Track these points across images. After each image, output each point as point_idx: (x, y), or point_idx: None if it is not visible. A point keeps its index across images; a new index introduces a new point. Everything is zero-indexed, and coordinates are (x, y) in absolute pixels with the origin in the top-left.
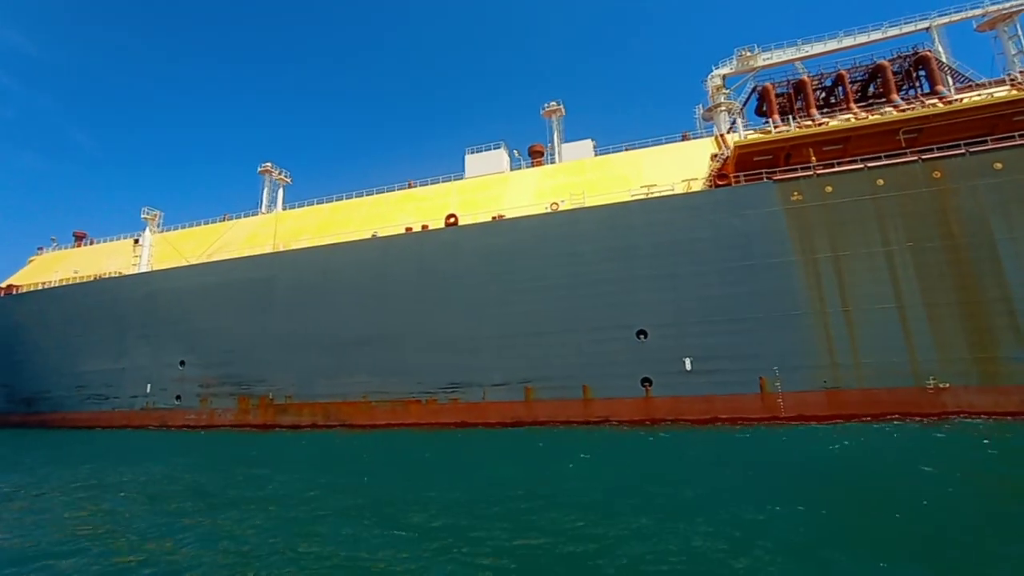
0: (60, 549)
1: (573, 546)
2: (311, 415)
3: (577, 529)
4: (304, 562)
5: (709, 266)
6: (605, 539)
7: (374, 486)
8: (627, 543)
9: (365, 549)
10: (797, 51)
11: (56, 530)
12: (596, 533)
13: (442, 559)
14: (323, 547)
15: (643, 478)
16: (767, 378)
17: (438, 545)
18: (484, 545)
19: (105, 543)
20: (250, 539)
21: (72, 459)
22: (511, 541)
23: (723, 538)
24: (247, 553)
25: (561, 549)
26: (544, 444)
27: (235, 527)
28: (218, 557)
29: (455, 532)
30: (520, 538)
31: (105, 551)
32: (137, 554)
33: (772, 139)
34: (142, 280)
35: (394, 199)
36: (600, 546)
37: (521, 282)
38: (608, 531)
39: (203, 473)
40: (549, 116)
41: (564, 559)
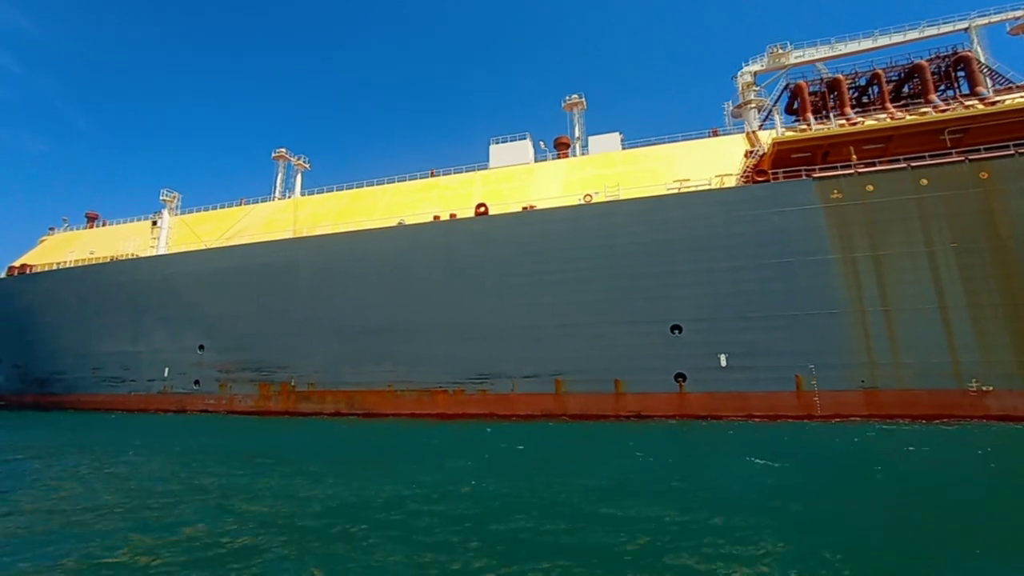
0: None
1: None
2: (334, 403)
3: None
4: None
5: (746, 262)
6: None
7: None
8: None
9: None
10: (831, 49)
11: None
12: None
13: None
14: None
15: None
16: (803, 376)
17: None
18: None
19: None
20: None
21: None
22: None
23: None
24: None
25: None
26: (615, 438)
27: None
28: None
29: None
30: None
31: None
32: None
33: (812, 136)
34: (161, 262)
35: (417, 187)
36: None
37: (553, 273)
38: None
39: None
40: (571, 109)
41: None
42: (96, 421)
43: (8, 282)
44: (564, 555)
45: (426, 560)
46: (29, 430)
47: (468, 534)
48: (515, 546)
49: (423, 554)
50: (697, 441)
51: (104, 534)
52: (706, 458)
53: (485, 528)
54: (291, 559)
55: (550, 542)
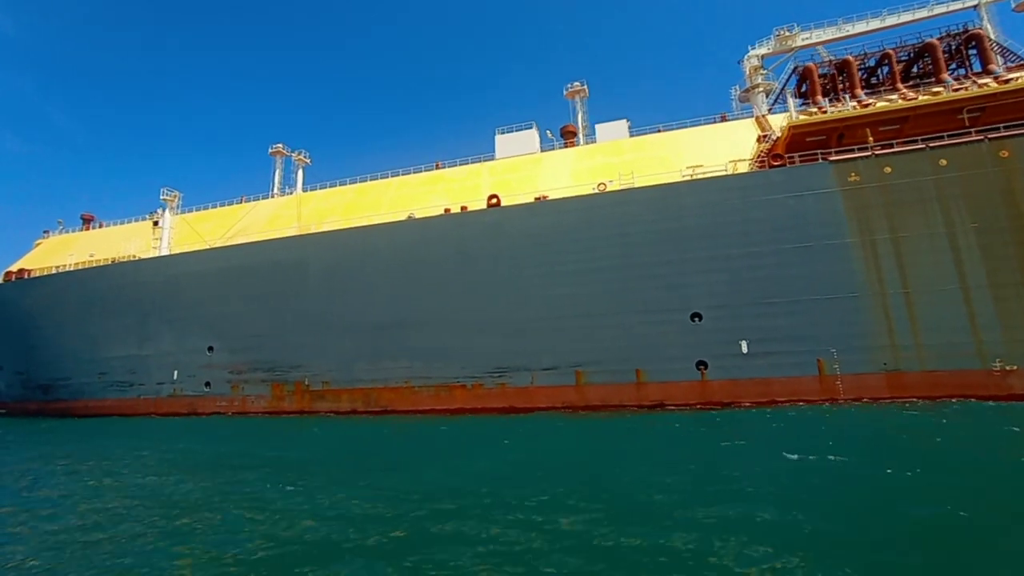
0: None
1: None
2: (350, 401)
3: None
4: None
5: (764, 247)
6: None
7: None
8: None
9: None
10: (838, 30)
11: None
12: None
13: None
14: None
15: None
16: (825, 360)
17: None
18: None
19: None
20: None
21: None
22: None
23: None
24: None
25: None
26: (655, 429)
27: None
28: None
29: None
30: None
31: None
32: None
33: (828, 119)
34: (165, 263)
35: (423, 180)
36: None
37: (569, 264)
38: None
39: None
40: (573, 97)
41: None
42: (106, 427)
43: (6, 288)
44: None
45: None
46: (39, 439)
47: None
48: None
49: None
50: (745, 431)
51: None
52: (770, 449)
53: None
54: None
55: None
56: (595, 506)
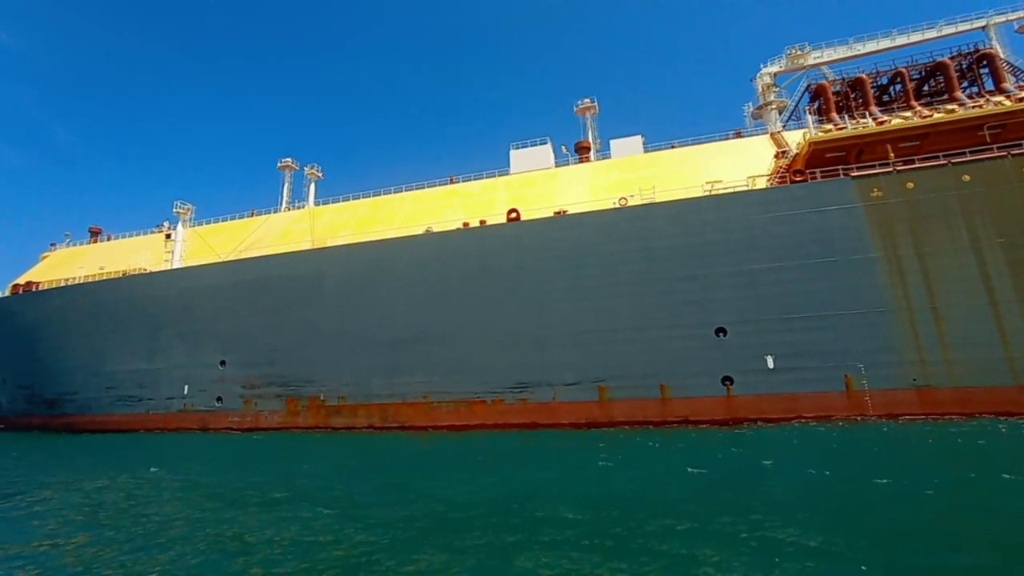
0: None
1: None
2: (367, 416)
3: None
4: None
5: (787, 262)
6: None
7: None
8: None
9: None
10: (849, 49)
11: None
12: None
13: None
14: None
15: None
16: (852, 376)
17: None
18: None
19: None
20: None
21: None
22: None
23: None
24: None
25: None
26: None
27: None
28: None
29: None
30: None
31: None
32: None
33: (848, 135)
34: (177, 276)
35: (437, 194)
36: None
37: (591, 278)
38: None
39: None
40: (583, 113)
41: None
42: (116, 443)
43: (13, 300)
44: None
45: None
46: (54, 456)
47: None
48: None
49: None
50: (819, 452)
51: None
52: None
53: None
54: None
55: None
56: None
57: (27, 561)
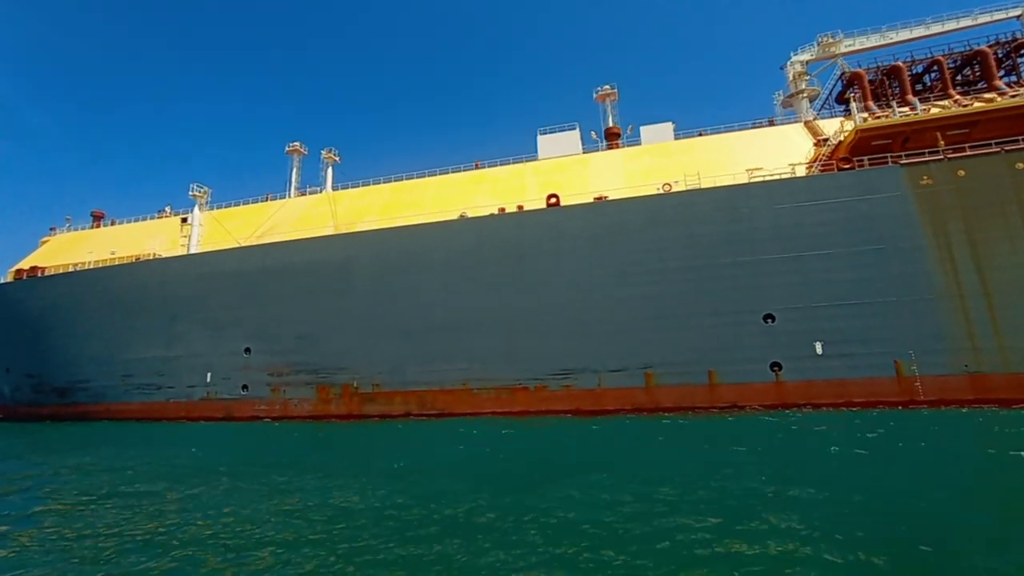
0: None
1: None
2: (404, 404)
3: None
4: None
5: (836, 249)
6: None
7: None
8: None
9: None
10: (881, 38)
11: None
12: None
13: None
14: None
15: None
16: (903, 362)
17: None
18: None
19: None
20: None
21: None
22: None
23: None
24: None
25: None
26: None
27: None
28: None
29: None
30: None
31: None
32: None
33: (897, 122)
34: (196, 261)
35: (463, 180)
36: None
37: (635, 264)
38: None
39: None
40: (603, 100)
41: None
42: (144, 432)
43: (17, 286)
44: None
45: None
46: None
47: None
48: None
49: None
50: (905, 438)
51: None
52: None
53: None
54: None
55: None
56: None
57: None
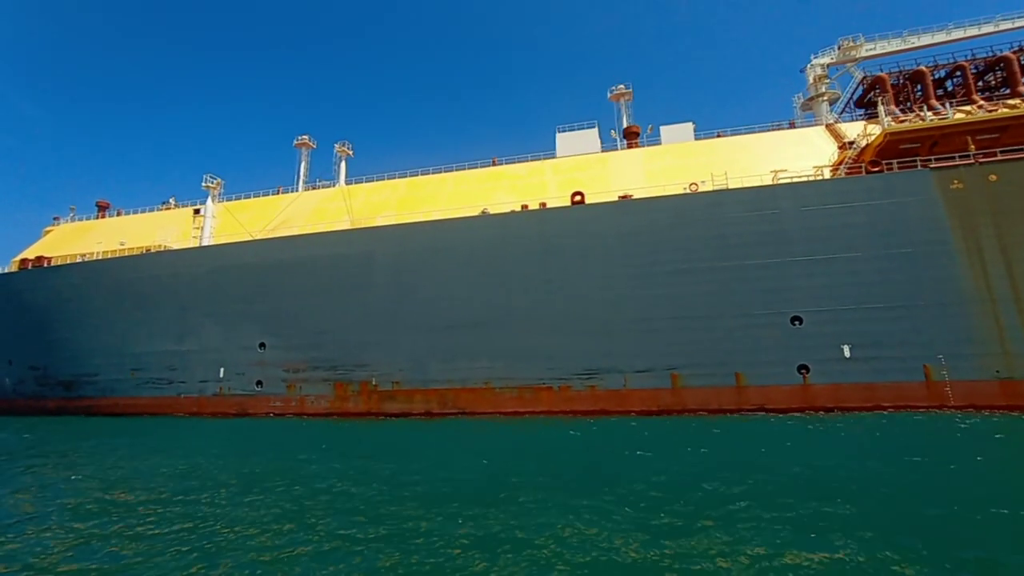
0: None
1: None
2: (424, 402)
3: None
4: None
5: (864, 252)
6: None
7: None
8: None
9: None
10: (903, 42)
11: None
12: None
13: None
14: None
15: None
16: (932, 366)
17: None
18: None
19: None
20: None
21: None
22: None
23: None
24: None
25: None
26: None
27: None
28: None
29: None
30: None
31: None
32: None
33: (927, 126)
34: (209, 254)
35: (481, 176)
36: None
37: (662, 264)
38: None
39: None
40: (617, 100)
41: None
42: (155, 427)
43: (23, 276)
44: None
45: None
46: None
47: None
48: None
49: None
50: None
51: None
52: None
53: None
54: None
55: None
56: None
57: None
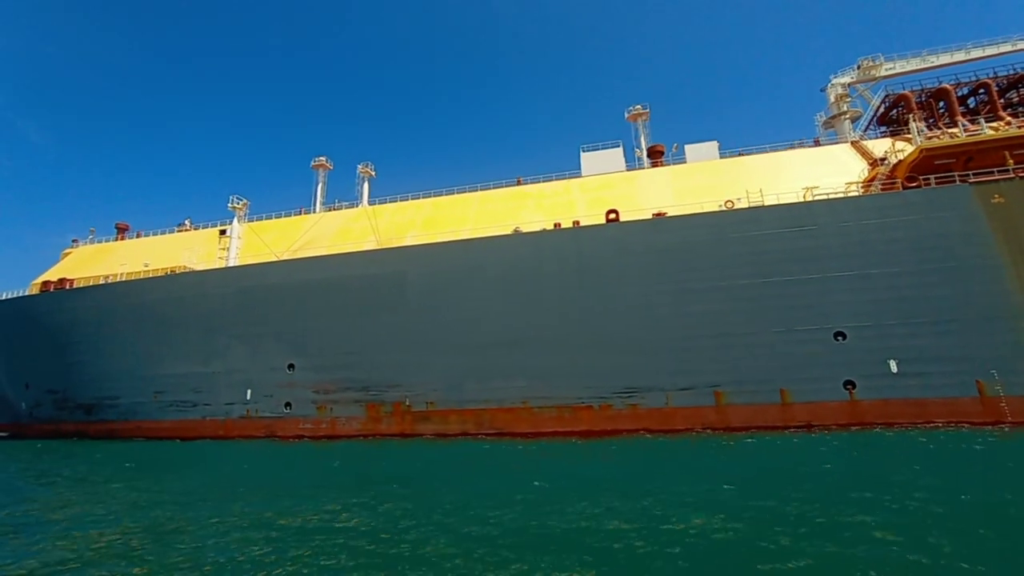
0: None
1: None
2: (460, 423)
3: None
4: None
5: (906, 267)
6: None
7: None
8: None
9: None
10: (922, 61)
11: None
12: None
13: None
14: None
15: None
16: (985, 382)
17: None
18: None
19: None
20: None
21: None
22: None
23: None
24: None
25: None
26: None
27: None
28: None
29: None
30: None
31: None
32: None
33: (963, 142)
34: (237, 274)
35: (506, 196)
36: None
37: (701, 281)
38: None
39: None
40: (635, 120)
41: None
42: (189, 452)
43: (44, 299)
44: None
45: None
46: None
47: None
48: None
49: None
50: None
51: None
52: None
53: None
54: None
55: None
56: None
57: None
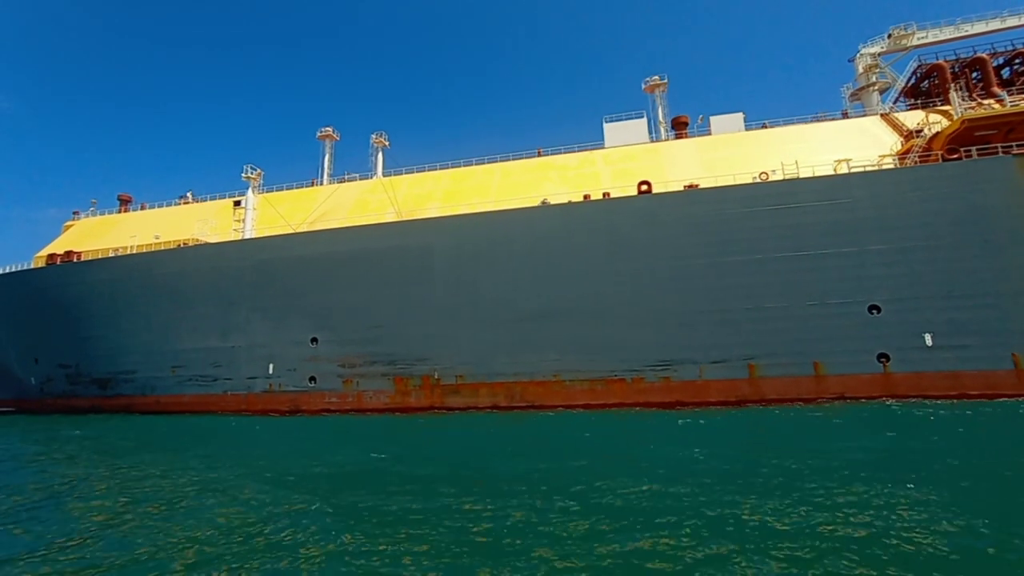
0: None
1: None
2: (490, 396)
3: None
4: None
5: (944, 240)
6: None
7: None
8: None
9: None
10: (956, 30)
11: None
12: None
13: None
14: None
15: None
16: (1021, 355)
17: None
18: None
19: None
20: None
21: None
22: None
23: None
24: None
25: None
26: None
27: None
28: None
29: None
30: None
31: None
32: None
33: (1008, 112)
34: (256, 246)
35: (529, 167)
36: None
37: (735, 254)
38: None
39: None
40: (652, 91)
41: None
42: (219, 426)
43: (51, 272)
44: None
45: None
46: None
47: None
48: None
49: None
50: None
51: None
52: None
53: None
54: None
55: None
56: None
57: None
